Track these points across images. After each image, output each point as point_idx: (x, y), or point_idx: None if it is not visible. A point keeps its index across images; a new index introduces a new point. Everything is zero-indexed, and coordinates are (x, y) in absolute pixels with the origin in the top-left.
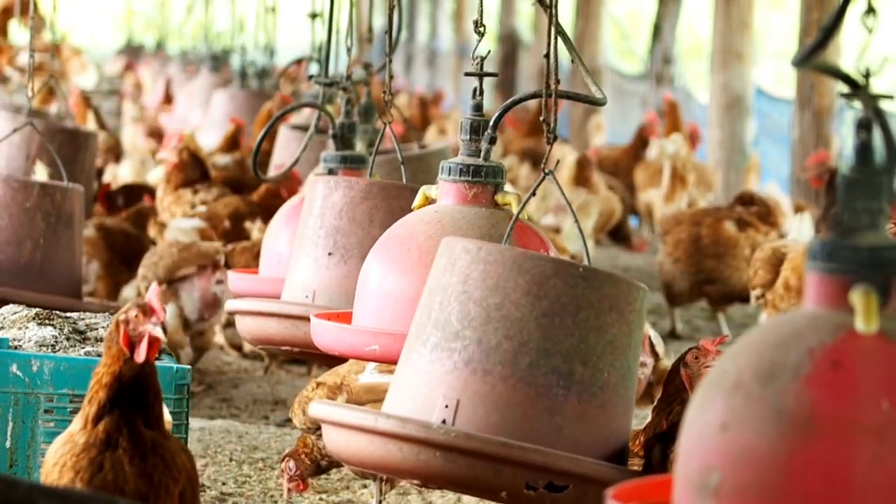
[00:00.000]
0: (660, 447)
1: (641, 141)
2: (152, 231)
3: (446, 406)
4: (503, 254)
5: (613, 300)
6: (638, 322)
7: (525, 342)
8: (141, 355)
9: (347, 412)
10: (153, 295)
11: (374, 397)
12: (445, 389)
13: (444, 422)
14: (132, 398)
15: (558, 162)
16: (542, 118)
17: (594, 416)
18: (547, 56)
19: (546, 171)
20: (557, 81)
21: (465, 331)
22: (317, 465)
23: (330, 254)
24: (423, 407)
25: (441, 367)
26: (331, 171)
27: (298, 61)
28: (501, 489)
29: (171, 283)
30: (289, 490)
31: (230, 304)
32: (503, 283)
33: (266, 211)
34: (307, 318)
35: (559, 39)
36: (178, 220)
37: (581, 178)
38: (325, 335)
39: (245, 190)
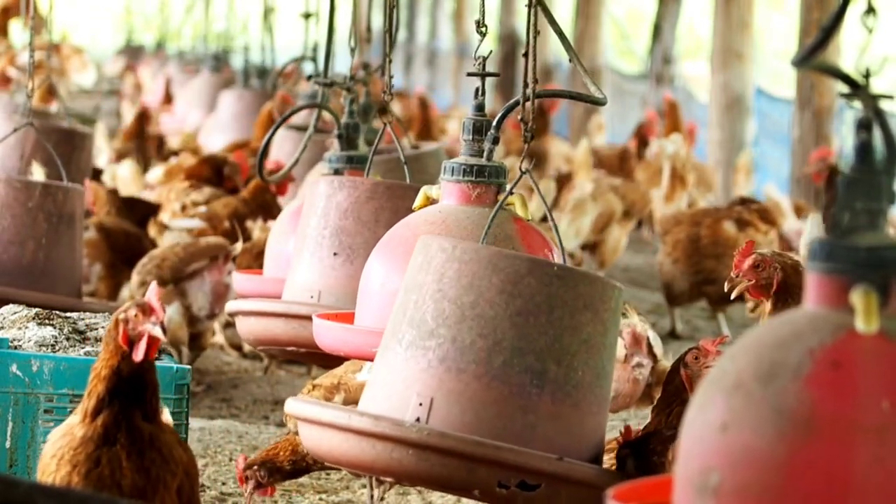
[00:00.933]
0: (632, 459)
1: (641, 140)
2: (152, 230)
3: (420, 404)
4: (478, 252)
5: (588, 299)
6: (613, 321)
7: (499, 341)
8: (139, 355)
9: (321, 409)
10: (152, 294)
11: None
12: (420, 387)
13: (417, 420)
14: (130, 392)
15: (534, 160)
16: (519, 117)
17: (568, 414)
18: (526, 55)
19: (523, 169)
20: (535, 81)
21: (439, 329)
22: (295, 470)
23: (335, 254)
24: (398, 405)
25: (416, 365)
26: (336, 172)
27: (296, 61)
28: (474, 487)
29: (178, 281)
30: (250, 494)
31: (232, 305)
32: (477, 281)
33: (261, 209)
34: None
35: (560, 40)
36: (178, 221)
37: (623, 170)
38: (329, 336)
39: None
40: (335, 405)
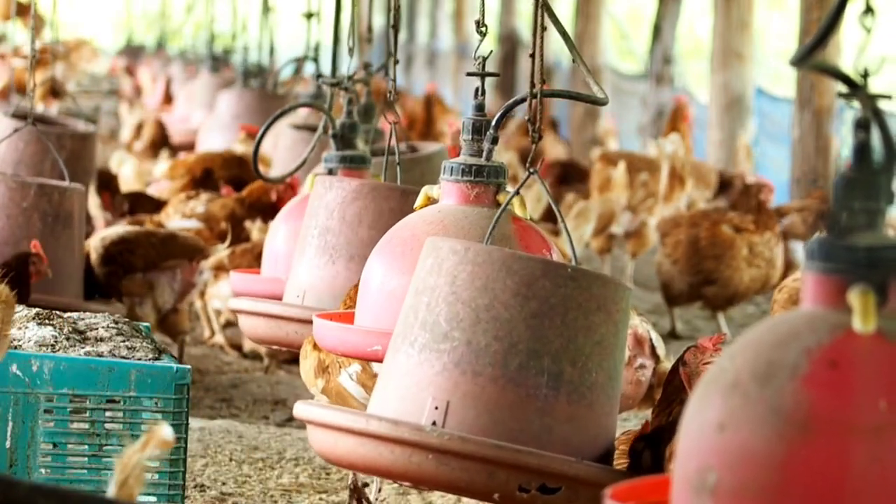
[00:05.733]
0: (649, 451)
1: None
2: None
3: (436, 408)
4: (491, 255)
5: (601, 300)
6: (624, 322)
7: (515, 343)
8: None
9: (337, 414)
10: None
11: (339, 402)
12: (435, 391)
13: (434, 423)
14: None
15: (542, 160)
16: (526, 118)
17: (583, 416)
18: (532, 56)
19: (531, 170)
20: (543, 81)
21: (453, 332)
22: None
23: (321, 254)
24: (412, 408)
25: (430, 369)
26: (331, 172)
27: (297, 61)
28: (494, 491)
29: (149, 271)
30: None
31: (234, 303)
32: (492, 284)
33: (259, 210)
34: (302, 321)
35: (563, 40)
36: (176, 221)
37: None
38: (328, 336)
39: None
40: (349, 409)
